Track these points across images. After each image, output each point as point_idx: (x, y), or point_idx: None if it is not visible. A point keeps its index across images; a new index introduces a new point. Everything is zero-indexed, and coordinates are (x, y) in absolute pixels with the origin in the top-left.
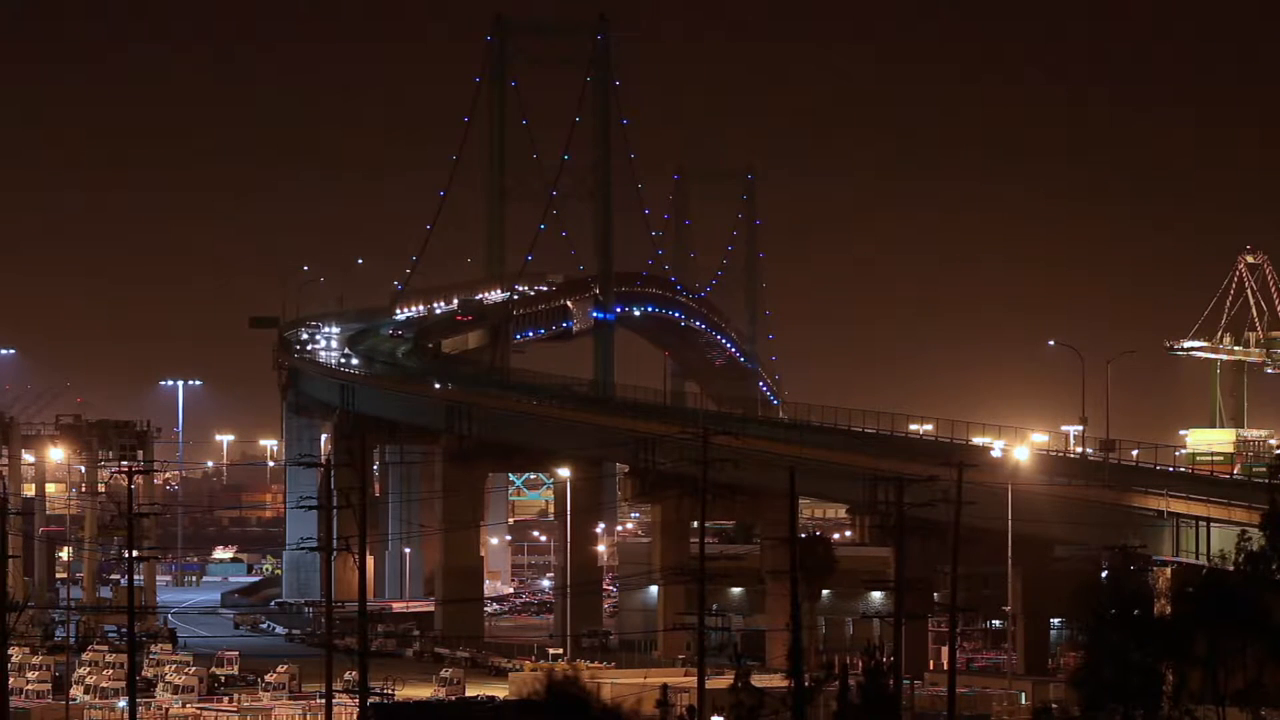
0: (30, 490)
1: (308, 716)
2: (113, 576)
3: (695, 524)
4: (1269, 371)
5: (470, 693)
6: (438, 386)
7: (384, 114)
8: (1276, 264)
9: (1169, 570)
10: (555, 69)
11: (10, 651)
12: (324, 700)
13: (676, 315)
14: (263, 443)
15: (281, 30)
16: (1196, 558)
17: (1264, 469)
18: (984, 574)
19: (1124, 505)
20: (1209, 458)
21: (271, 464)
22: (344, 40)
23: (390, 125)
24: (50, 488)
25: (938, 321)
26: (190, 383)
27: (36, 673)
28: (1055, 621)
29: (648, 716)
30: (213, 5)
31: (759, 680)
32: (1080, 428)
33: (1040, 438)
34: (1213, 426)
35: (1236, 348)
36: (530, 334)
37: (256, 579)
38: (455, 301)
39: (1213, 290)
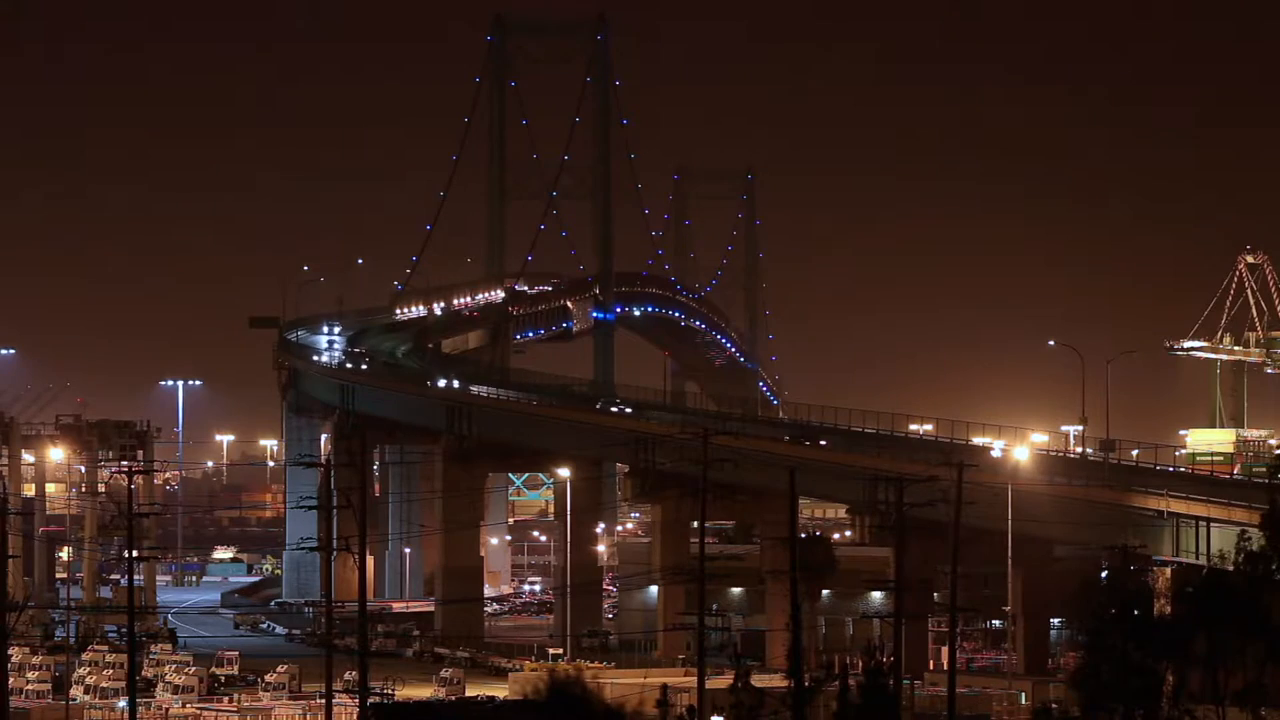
0: (30, 490)
1: (308, 716)
2: (113, 576)
3: (695, 524)
4: (1269, 371)
5: (470, 693)
6: (443, 384)
7: (384, 114)
8: (1276, 264)
9: (1169, 570)
10: (555, 69)
11: (10, 651)
12: (324, 700)
13: (676, 315)
14: (263, 443)
15: (281, 30)
16: (1196, 558)
17: (1264, 469)
18: (984, 574)
19: (1124, 505)
20: (1209, 458)
21: (271, 464)
22: (344, 40)
23: (390, 125)
24: (50, 488)
25: (938, 321)
26: (190, 383)
27: (36, 673)
28: (1055, 621)
29: (648, 716)
30: (213, 5)
31: (759, 680)
32: (1080, 428)
33: (1040, 438)
34: (1213, 426)
35: (1236, 348)
36: (530, 334)
37: (256, 579)
38: (465, 299)
39: (1213, 290)
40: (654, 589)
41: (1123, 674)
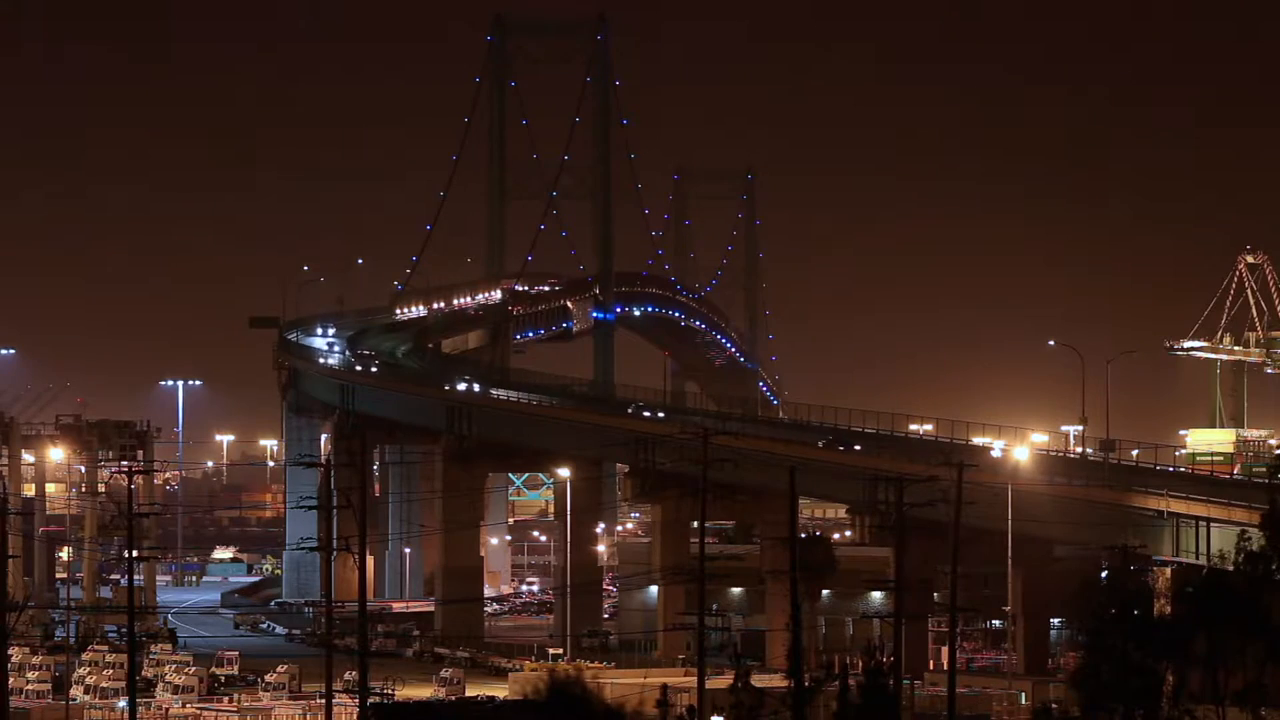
0: (30, 490)
1: (308, 716)
2: (113, 576)
3: (695, 524)
4: (1269, 371)
5: (470, 693)
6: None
7: (384, 114)
8: (1276, 264)
9: (1169, 570)
10: (555, 69)
11: (10, 651)
12: (324, 700)
13: (676, 315)
14: (263, 443)
15: (281, 30)
16: (1196, 558)
17: (1264, 469)
18: (984, 574)
19: (1124, 505)
20: (1209, 458)
21: (271, 464)
22: (344, 40)
23: (390, 125)
24: (50, 488)
25: (938, 321)
26: (190, 383)
27: (36, 673)
28: (1055, 621)
29: (648, 716)
30: (213, 5)
31: (759, 680)
32: (1080, 428)
33: (1040, 438)
34: (1213, 426)
35: (1236, 348)
36: (530, 334)
37: (256, 579)
38: (465, 299)
39: (1213, 290)
40: (654, 589)
41: (1123, 674)
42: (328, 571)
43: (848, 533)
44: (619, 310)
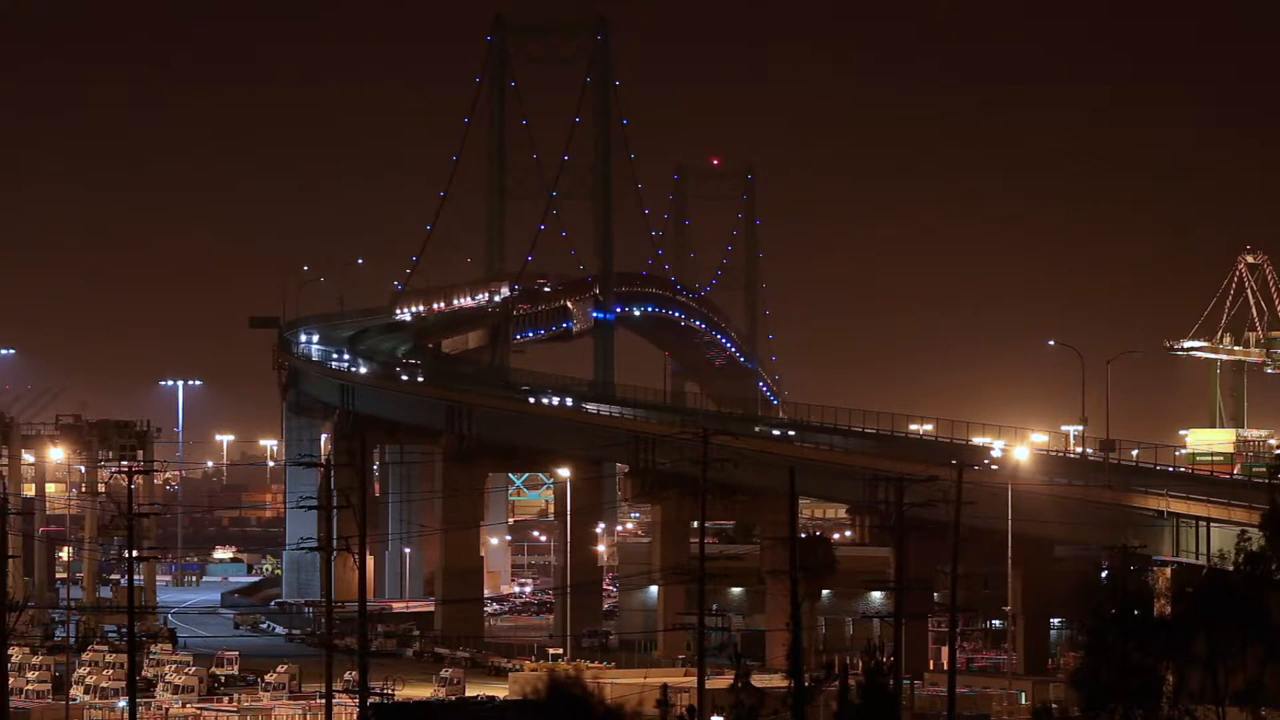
0: (30, 490)
1: (308, 716)
2: (113, 576)
3: (695, 524)
4: (1269, 371)
5: (470, 693)
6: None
7: (384, 114)
8: (1276, 264)
9: (1169, 570)
10: (555, 69)
11: (10, 651)
12: (324, 700)
13: (676, 315)
14: (263, 443)
15: (281, 30)
16: (1196, 558)
17: (1264, 469)
18: (984, 574)
19: (1124, 505)
20: (1209, 458)
21: (271, 464)
22: (344, 40)
23: (390, 125)
24: (50, 488)
25: (938, 321)
26: (190, 383)
27: (36, 673)
28: (1055, 621)
29: (648, 716)
30: (213, 5)
31: (759, 680)
32: (1080, 428)
33: (1040, 438)
34: (1213, 426)
35: (1236, 348)
36: (530, 334)
37: (256, 579)
38: (465, 299)
39: (1213, 290)
40: (654, 589)
41: (1123, 674)
42: (328, 571)
43: (848, 533)
44: (619, 310)
